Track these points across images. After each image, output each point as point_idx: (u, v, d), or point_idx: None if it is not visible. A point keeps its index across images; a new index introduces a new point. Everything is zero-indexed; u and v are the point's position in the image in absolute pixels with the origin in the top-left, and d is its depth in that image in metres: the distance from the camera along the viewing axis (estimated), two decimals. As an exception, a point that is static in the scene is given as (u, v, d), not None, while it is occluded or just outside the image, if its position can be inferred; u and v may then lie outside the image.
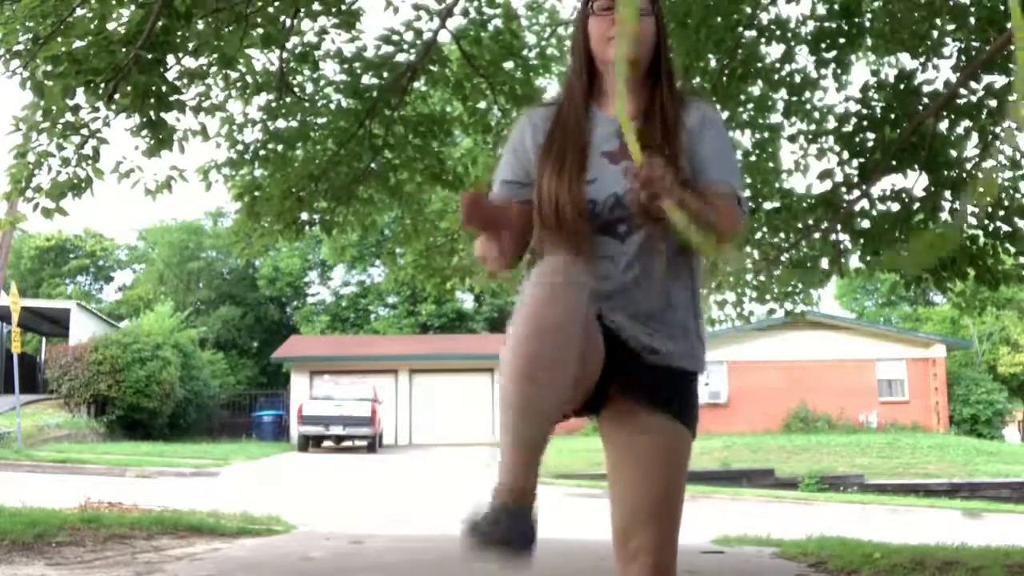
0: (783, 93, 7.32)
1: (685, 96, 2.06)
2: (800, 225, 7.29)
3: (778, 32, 7.03)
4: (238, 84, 6.59)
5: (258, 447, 22.55)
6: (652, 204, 1.74)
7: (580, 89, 2.02)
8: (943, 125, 6.37)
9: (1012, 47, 5.56)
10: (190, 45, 5.18)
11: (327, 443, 23.10)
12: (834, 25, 6.83)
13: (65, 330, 25.85)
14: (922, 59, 6.64)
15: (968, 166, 6.39)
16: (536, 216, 1.96)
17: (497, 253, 1.90)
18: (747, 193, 7.54)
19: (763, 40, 7.09)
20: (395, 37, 6.88)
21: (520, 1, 7.87)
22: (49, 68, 4.76)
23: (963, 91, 6.26)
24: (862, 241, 6.91)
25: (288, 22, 6.21)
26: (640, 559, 1.89)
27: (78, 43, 4.83)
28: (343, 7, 6.35)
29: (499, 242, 1.88)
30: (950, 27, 6.40)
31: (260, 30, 5.97)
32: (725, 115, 7.46)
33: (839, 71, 7.07)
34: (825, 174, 6.86)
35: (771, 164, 7.64)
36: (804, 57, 7.17)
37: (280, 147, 6.99)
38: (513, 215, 1.88)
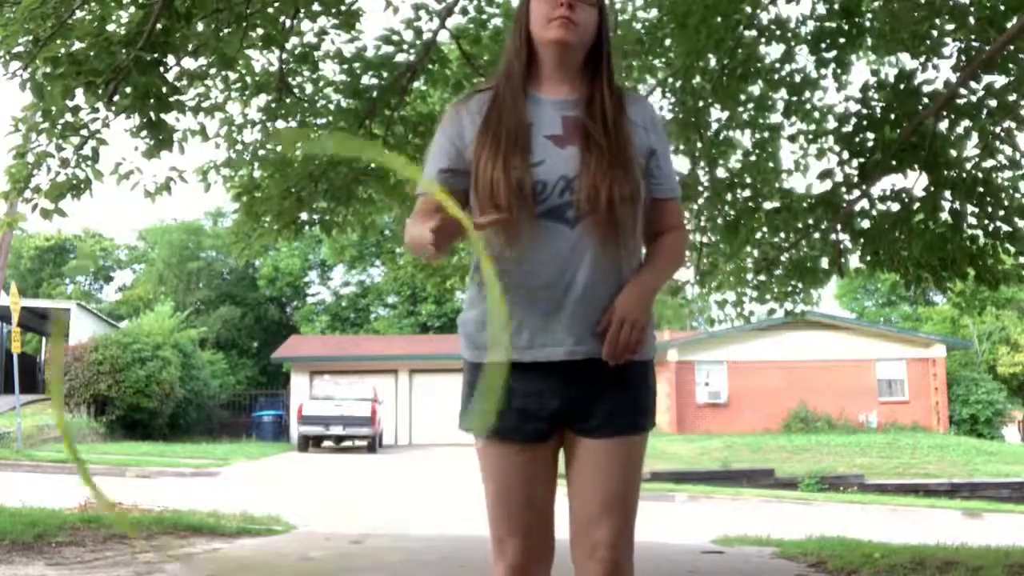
0: (783, 93, 7.32)
1: (622, 87, 2.06)
2: (800, 225, 7.29)
3: (778, 32, 7.03)
4: (238, 85, 6.59)
5: (258, 447, 22.54)
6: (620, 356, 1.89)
7: (519, 71, 2.00)
8: (943, 125, 6.36)
9: (1012, 47, 5.57)
10: (190, 46, 5.18)
11: (327, 443, 23.10)
12: (834, 25, 6.83)
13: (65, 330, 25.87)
14: (922, 59, 6.63)
15: (968, 166, 6.39)
16: (473, 200, 1.95)
17: (435, 251, 1.83)
18: (744, 193, 7.56)
19: (763, 40, 7.09)
20: (395, 37, 6.87)
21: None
22: (49, 69, 4.76)
23: (963, 91, 6.25)
24: (862, 241, 6.90)
25: (288, 22, 6.21)
26: (598, 554, 1.90)
27: (78, 44, 4.83)
28: (343, 7, 6.35)
29: (442, 245, 1.81)
30: (950, 27, 6.39)
31: (260, 31, 5.98)
32: (725, 115, 7.48)
33: (839, 71, 7.07)
34: (825, 174, 6.86)
35: (771, 164, 7.64)
36: (804, 57, 7.17)
37: (279, 147, 6.99)
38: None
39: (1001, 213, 6.29)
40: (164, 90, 4.98)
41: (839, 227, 7.07)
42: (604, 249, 1.89)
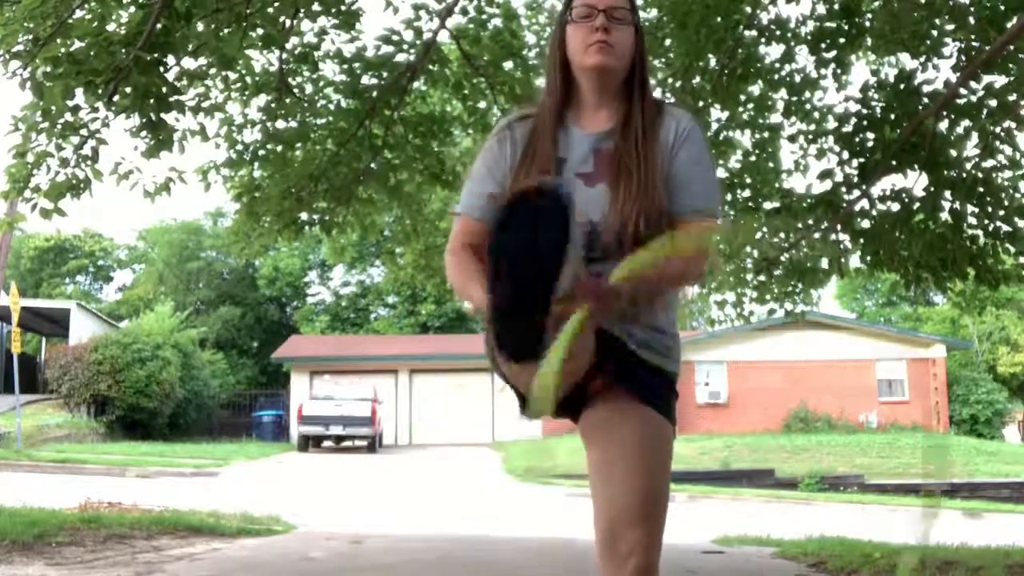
0: (783, 93, 7.31)
1: (662, 104, 2.02)
2: (800, 225, 7.29)
3: (778, 32, 7.02)
4: (238, 85, 6.59)
5: (258, 447, 22.53)
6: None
7: (556, 100, 1.98)
8: (943, 125, 6.37)
9: (1012, 47, 5.57)
10: (190, 46, 5.17)
11: (327, 443, 23.09)
12: (834, 25, 6.83)
13: (65, 330, 25.85)
14: (922, 59, 6.63)
15: (968, 166, 6.39)
16: None
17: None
18: (744, 193, 7.55)
19: (763, 40, 7.09)
20: (395, 37, 6.88)
21: (520, 1, 7.87)
22: (49, 69, 4.76)
23: (963, 91, 6.26)
24: (862, 241, 6.91)
25: (288, 22, 6.21)
26: (631, 561, 1.83)
27: (78, 44, 4.83)
28: (343, 7, 6.35)
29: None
30: (950, 27, 6.39)
31: (260, 30, 5.98)
32: (725, 115, 7.47)
33: (839, 71, 7.07)
34: (825, 174, 6.86)
35: (771, 164, 7.64)
36: (804, 57, 7.17)
37: (280, 147, 6.99)
38: None
39: (1001, 213, 6.29)
40: (164, 90, 4.98)
41: (839, 227, 7.07)
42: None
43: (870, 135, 6.67)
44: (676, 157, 1.93)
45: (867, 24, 6.89)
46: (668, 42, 7.00)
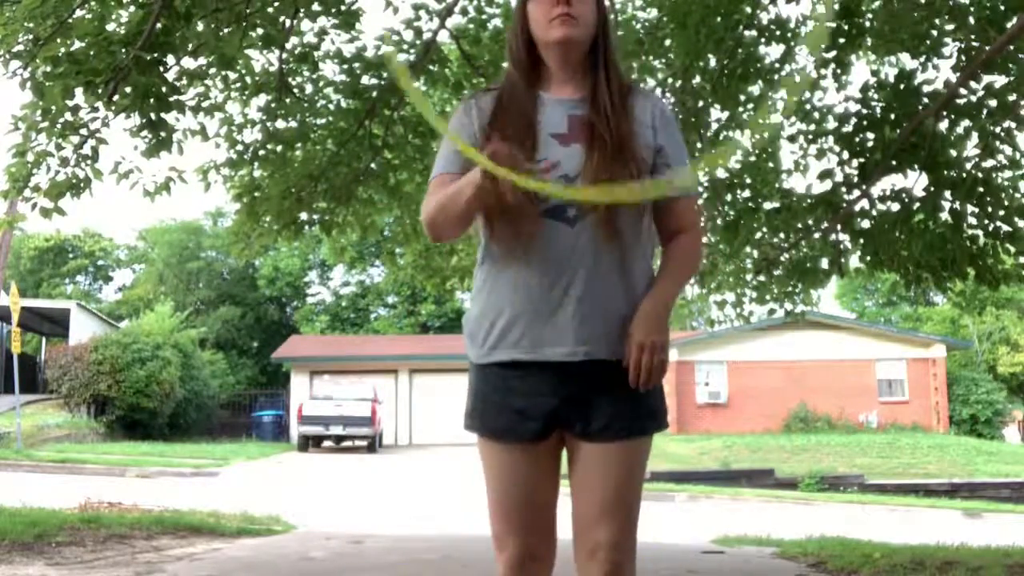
0: (783, 93, 7.31)
1: (631, 83, 2.04)
2: (800, 225, 7.29)
3: (778, 32, 7.02)
4: (238, 85, 6.59)
5: (258, 447, 22.54)
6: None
7: (523, 73, 1.99)
8: (943, 125, 6.36)
9: (1012, 47, 5.57)
10: (190, 46, 5.17)
11: (327, 443, 23.09)
12: (834, 25, 6.83)
13: (65, 330, 25.85)
14: (922, 59, 6.63)
15: (968, 166, 6.38)
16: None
17: (458, 224, 1.90)
18: (744, 193, 7.56)
19: (763, 40, 7.09)
20: (395, 37, 6.88)
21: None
22: (49, 68, 4.76)
23: (963, 91, 6.25)
24: (862, 241, 6.90)
25: (288, 22, 6.21)
26: (599, 555, 1.89)
27: (78, 44, 4.83)
28: (343, 7, 6.35)
29: (469, 215, 1.88)
30: (950, 27, 6.39)
31: (260, 30, 5.98)
32: (725, 115, 7.47)
33: (839, 71, 7.07)
34: (825, 174, 6.85)
35: (771, 164, 7.64)
36: (804, 57, 7.17)
37: (280, 147, 6.99)
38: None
39: (1001, 213, 6.28)
40: (164, 90, 4.98)
41: (839, 227, 7.07)
42: (605, 248, 1.87)
43: (870, 135, 6.66)
44: (662, 142, 1.96)
45: (867, 24, 6.88)
46: (668, 42, 7.00)
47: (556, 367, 1.88)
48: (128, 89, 4.79)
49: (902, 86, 6.52)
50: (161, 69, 4.97)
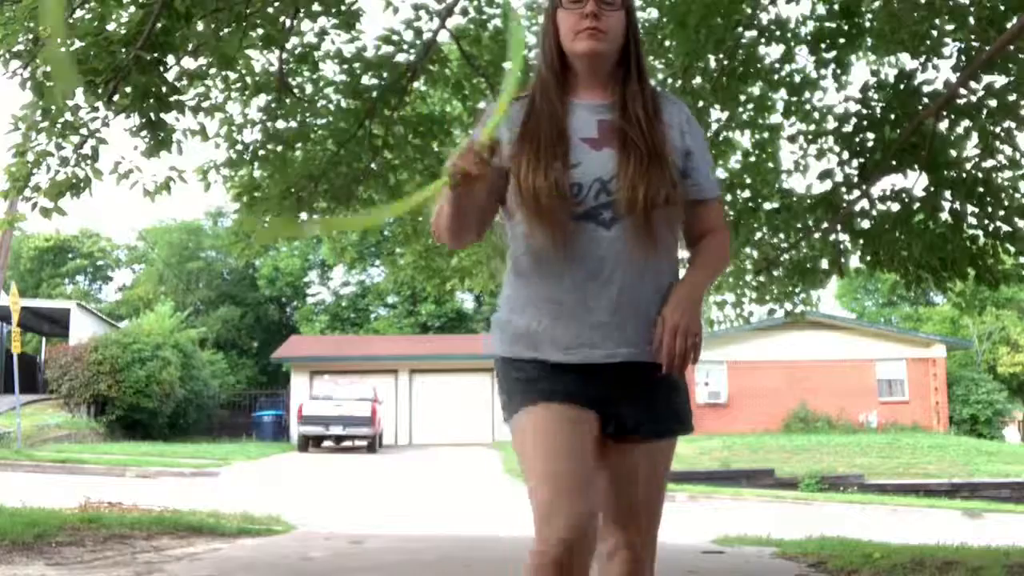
0: (783, 93, 7.31)
1: (656, 90, 2.06)
2: (800, 225, 7.29)
3: (778, 32, 7.02)
4: (238, 85, 6.59)
5: (258, 447, 22.53)
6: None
7: (553, 82, 2.00)
8: (943, 125, 6.36)
9: (1012, 47, 5.57)
10: (190, 46, 5.17)
11: (327, 443, 23.09)
12: (834, 25, 6.83)
13: (65, 330, 25.85)
14: (922, 59, 6.63)
15: (968, 166, 6.38)
16: (515, 205, 1.94)
17: (456, 226, 1.92)
18: (744, 193, 7.56)
19: (763, 40, 7.09)
20: (395, 37, 6.87)
21: (520, 1, 7.87)
22: (49, 68, 4.76)
23: (963, 91, 6.25)
24: (862, 241, 6.90)
25: (288, 22, 6.21)
26: (621, 555, 1.91)
27: (78, 44, 4.83)
28: (343, 7, 6.35)
29: (464, 215, 1.90)
30: (950, 27, 6.39)
31: (260, 30, 5.98)
32: (725, 115, 7.47)
33: (839, 71, 7.07)
34: (825, 174, 6.85)
35: (771, 164, 7.64)
36: (804, 57, 7.17)
37: (280, 147, 6.99)
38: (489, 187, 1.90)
39: (1001, 213, 6.29)
40: (164, 90, 4.98)
41: (839, 227, 7.07)
42: (641, 251, 1.89)
43: (870, 135, 6.66)
44: (690, 146, 1.99)
45: (867, 24, 6.89)
46: (668, 42, 7.00)
47: (594, 369, 1.88)
48: (128, 89, 4.80)
49: (902, 86, 6.52)
50: (161, 69, 4.98)
